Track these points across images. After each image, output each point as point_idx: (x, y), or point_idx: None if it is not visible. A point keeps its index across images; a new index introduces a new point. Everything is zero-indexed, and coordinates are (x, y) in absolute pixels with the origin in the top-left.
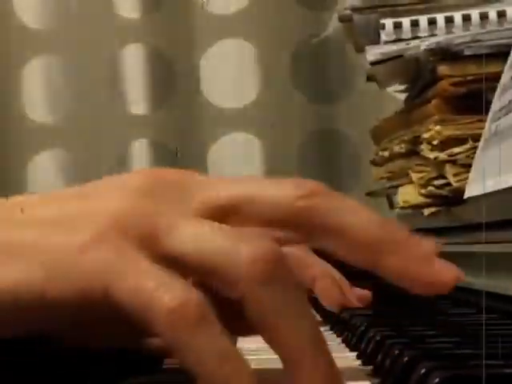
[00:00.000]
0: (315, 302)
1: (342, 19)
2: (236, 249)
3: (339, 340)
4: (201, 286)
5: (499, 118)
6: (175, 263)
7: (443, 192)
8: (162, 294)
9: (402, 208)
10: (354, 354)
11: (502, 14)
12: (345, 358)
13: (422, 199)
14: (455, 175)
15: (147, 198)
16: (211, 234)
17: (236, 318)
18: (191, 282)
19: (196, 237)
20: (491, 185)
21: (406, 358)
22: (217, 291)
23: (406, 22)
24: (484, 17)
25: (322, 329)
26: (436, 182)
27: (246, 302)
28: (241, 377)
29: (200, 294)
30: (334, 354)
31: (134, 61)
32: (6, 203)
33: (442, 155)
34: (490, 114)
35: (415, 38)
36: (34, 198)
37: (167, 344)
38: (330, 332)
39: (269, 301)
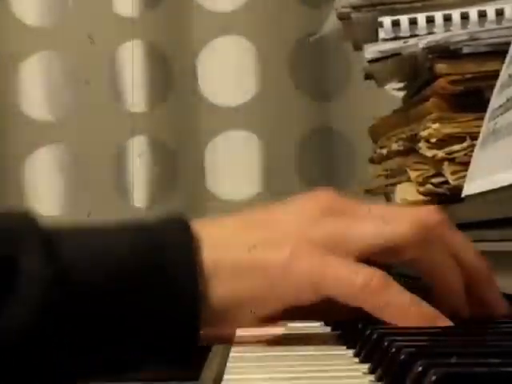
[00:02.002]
0: None
1: (340, 17)
2: (397, 230)
3: (337, 338)
4: None
5: (497, 116)
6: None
7: (441, 190)
8: (354, 276)
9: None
10: (352, 351)
11: (500, 13)
12: (342, 355)
13: (419, 197)
14: (453, 173)
15: (319, 221)
16: (378, 228)
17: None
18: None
19: (366, 233)
20: (489, 183)
21: (403, 356)
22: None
23: (404, 19)
24: (482, 15)
25: (317, 325)
26: (434, 180)
27: (413, 262)
28: (426, 314)
29: (378, 269)
30: (331, 352)
31: (132, 58)
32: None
33: (440, 153)
34: (488, 112)
35: (413, 35)
36: (233, 225)
37: (370, 310)
38: (328, 329)
39: (426, 257)
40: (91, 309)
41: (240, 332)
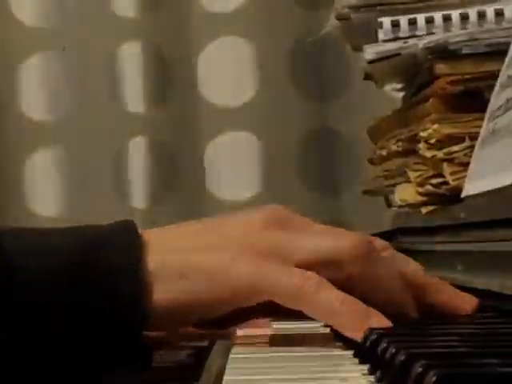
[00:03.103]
0: None
1: (339, 18)
2: (338, 244)
3: (336, 339)
4: None
5: (497, 117)
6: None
7: (441, 191)
8: (290, 278)
9: (400, 206)
10: (351, 352)
11: (499, 13)
12: (341, 356)
13: (419, 198)
14: (453, 174)
15: (265, 230)
16: (318, 241)
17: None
18: None
19: (308, 244)
20: (489, 183)
21: (402, 357)
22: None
23: (403, 20)
24: (482, 15)
25: (317, 326)
26: (433, 181)
27: (352, 275)
28: (358, 311)
29: (313, 273)
30: (331, 353)
31: (131, 59)
32: (167, 234)
33: (440, 154)
34: (488, 113)
35: (413, 36)
36: (180, 232)
37: (305, 311)
38: (327, 330)
39: (367, 271)
40: (33, 304)
41: (240, 332)
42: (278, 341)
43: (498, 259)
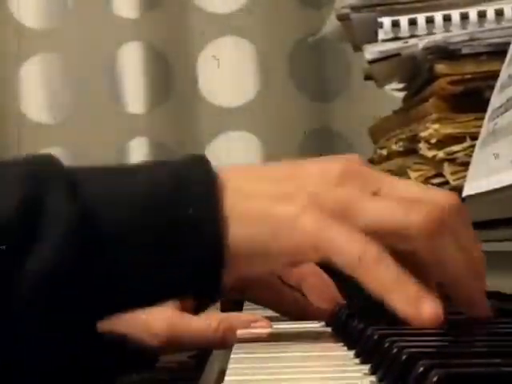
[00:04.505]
0: None
1: (340, 18)
2: (408, 218)
3: (338, 338)
4: None
5: (497, 117)
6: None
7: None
8: (352, 245)
9: None
10: (353, 352)
11: (499, 13)
12: (343, 356)
13: None
14: (453, 173)
15: (338, 185)
16: (391, 210)
17: None
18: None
19: (377, 211)
20: (489, 183)
21: (404, 356)
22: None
23: (403, 20)
24: (482, 15)
25: (318, 326)
26: (434, 181)
27: (418, 251)
28: (413, 291)
29: (377, 243)
30: (332, 353)
31: (131, 60)
32: (230, 178)
33: (440, 154)
34: (488, 113)
35: (413, 36)
36: (256, 176)
37: (360, 280)
38: (329, 330)
39: (434, 252)
40: (116, 247)
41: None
42: (278, 341)
43: (499, 259)
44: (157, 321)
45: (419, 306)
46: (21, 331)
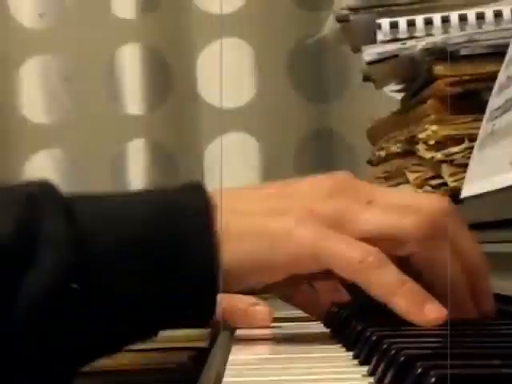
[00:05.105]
0: None
1: (338, 19)
2: (402, 222)
3: (336, 340)
4: None
5: (496, 118)
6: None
7: (439, 192)
8: (352, 251)
9: None
10: (351, 353)
11: (498, 14)
12: (341, 357)
13: None
14: (451, 175)
15: (331, 198)
16: (384, 216)
17: None
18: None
19: (372, 219)
20: (487, 185)
21: (402, 358)
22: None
23: (402, 21)
24: (480, 17)
25: (317, 327)
26: (432, 182)
27: (412, 255)
28: (414, 292)
29: (376, 248)
30: (330, 354)
31: (130, 61)
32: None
33: (439, 155)
34: (487, 114)
35: (411, 37)
36: (248, 196)
37: (362, 285)
38: (327, 331)
39: (427, 255)
40: (109, 272)
41: (239, 333)
42: (277, 342)
43: (498, 260)
44: None
45: (423, 308)
46: (12, 355)
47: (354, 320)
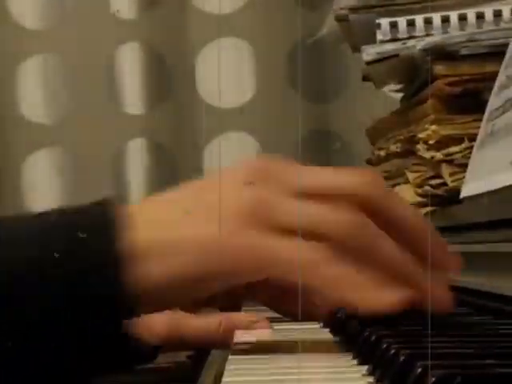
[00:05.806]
0: None
1: (338, 19)
2: (323, 214)
3: (335, 339)
4: None
5: (495, 118)
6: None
7: (439, 192)
8: (288, 252)
9: None
10: (350, 353)
11: (498, 14)
12: (341, 357)
13: (418, 199)
14: (451, 175)
15: (253, 187)
16: (306, 208)
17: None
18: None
19: (296, 210)
20: (487, 184)
21: (402, 357)
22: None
23: (401, 21)
24: (480, 16)
25: (316, 327)
26: (432, 182)
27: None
28: (364, 282)
29: (317, 244)
30: (329, 354)
31: (130, 60)
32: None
33: (438, 155)
34: (487, 114)
35: (411, 37)
36: (166, 202)
37: (320, 287)
38: (326, 331)
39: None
40: (11, 294)
41: (238, 333)
42: (276, 343)
43: (497, 260)
44: (157, 320)
45: (379, 295)
46: None
47: (353, 320)
